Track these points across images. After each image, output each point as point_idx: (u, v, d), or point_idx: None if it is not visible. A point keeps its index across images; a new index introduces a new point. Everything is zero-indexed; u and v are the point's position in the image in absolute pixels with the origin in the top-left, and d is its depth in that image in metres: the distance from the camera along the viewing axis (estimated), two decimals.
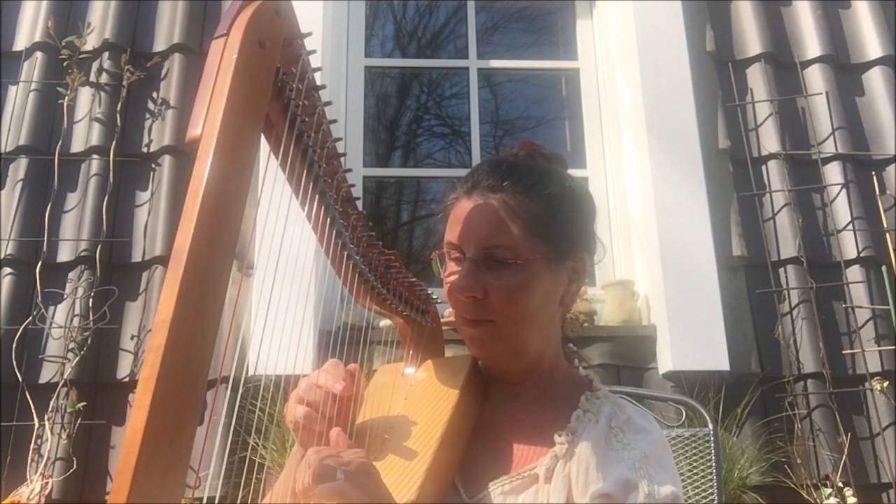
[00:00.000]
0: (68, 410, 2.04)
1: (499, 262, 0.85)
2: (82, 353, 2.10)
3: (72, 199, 2.34)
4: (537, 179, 0.88)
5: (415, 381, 0.95)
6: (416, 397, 0.91)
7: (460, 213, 0.88)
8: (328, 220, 0.78)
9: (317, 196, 0.75)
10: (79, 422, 2.05)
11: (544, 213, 0.86)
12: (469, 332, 0.88)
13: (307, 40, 0.68)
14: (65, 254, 2.26)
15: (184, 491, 0.52)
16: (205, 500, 1.88)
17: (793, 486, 2.07)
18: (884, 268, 2.30)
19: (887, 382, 2.16)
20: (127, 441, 0.47)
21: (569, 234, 0.89)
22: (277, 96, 0.66)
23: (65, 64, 2.42)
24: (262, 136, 0.64)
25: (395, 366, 1.01)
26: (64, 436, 2.03)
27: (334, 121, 0.75)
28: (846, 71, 2.63)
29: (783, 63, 2.61)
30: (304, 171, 0.72)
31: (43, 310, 2.18)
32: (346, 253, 0.84)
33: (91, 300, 2.17)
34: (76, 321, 2.15)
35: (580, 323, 2.22)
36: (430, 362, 0.98)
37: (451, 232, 0.89)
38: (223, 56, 0.57)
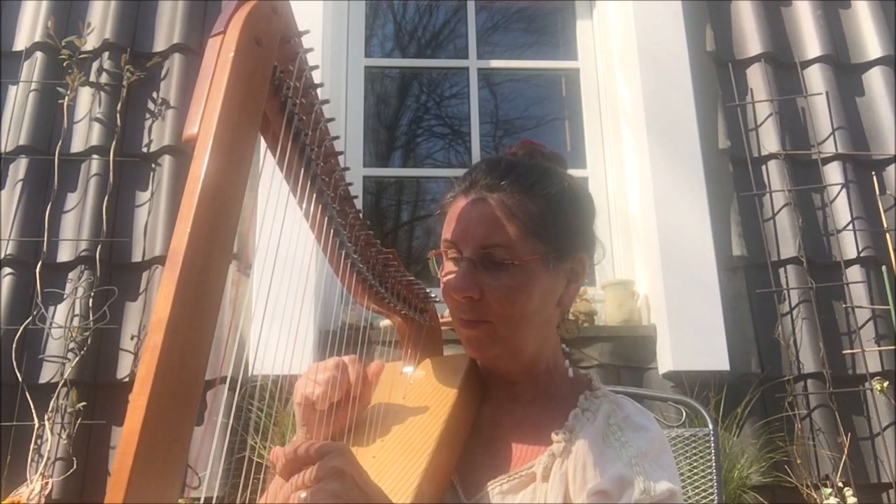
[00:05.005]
0: (68, 410, 2.04)
1: (496, 262, 0.83)
2: (82, 353, 2.10)
3: (72, 199, 2.34)
4: (536, 179, 0.87)
5: (413, 380, 0.95)
6: (414, 396, 0.91)
7: (457, 212, 0.87)
8: (326, 218, 0.78)
9: (314, 194, 0.75)
10: (79, 422, 2.05)
11: (543, 213, 0.85)
12: (465, 333, 0.87)
13: (304, 38, 0.68)
14: (65, 254, 2.26)
15: (181, 491, 0.52)
16: (202, 500, 1.88)
17: (793, 485, 2.07)
18: (884, 268, 2.30)
19: (887, 382, 2.16)
20: (123, 441, 0.47)
21: (567, 234, 0.87)
22: (274, 94, 0.66)
23: (65, 64, 2.42)
24: (260, 135, 0.64)
25: (394, 364, 1.01)
26: (64, 436, 2.03)
27: (331, 119, 0.75)
28: (846, 71, 2.63)
29: (783, 63, 2.61)
30: (302, 170, 0.72)
31: (43, 310, 2.18)
32: (343, 252, 0.83)
33: (91, 300, 2.17)
34: (76, 321, 2.15)
35: (577, 324, 2.22)
36: (429, 361, 0.98)
37: (448, 230, 0.88)
38: (220, 54, 0.57)
